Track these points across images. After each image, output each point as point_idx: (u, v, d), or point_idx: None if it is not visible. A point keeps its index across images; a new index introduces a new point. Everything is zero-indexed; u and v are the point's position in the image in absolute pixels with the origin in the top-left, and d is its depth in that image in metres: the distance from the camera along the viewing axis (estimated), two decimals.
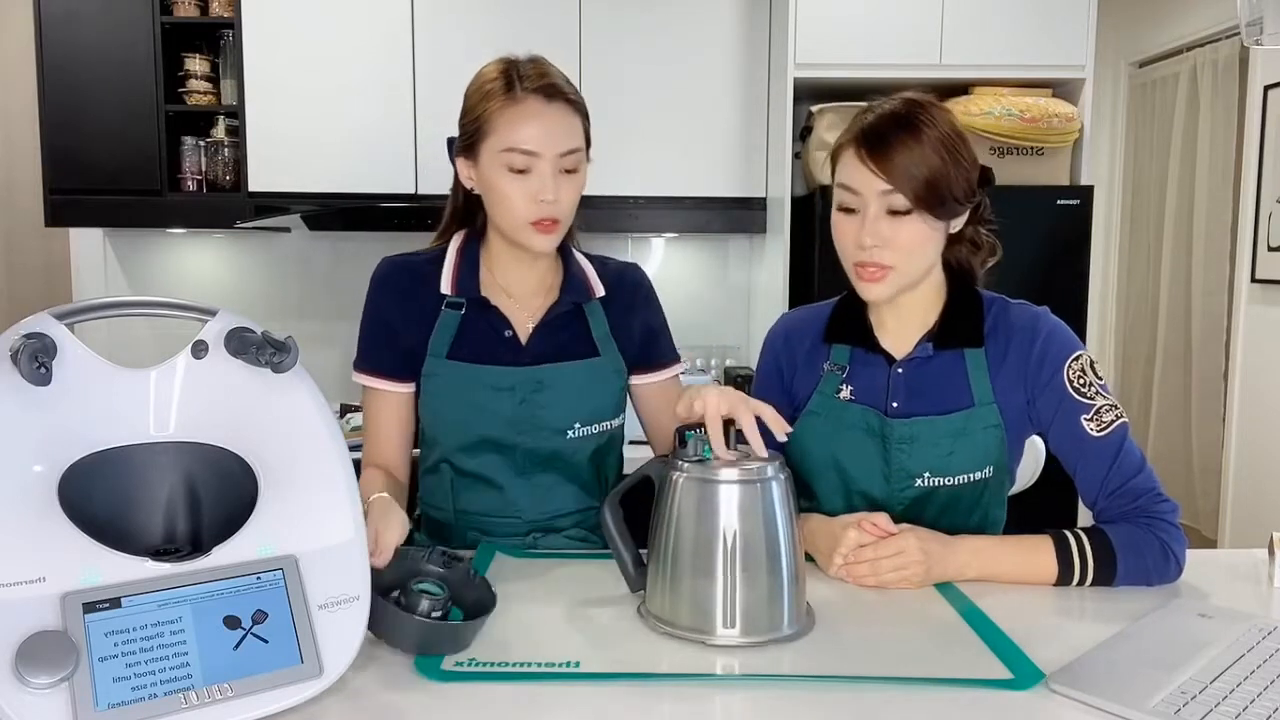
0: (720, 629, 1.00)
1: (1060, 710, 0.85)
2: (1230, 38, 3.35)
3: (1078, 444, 1.24)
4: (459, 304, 1.36)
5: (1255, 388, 3.21)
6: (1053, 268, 2.71)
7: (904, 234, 1.21)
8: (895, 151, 1.18)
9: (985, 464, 1.28)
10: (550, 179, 1.26)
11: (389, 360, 1.37)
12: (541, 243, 1.30)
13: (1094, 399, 1.24)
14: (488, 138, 1.28)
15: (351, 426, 2.72)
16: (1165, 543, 1.17)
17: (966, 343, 1.29)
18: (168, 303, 0.91)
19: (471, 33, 2.81)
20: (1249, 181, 3.18)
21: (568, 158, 1.28)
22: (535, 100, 1.27)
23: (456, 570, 1.04)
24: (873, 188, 1.20)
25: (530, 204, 1.27)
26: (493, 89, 1.29)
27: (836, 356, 1.35)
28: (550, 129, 1.26)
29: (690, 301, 3.33)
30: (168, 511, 0.90)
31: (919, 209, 1.20)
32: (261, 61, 2.76)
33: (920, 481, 1.28)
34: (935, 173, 1.19)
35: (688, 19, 2.89)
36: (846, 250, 1.26)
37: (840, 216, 1.26)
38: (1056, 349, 1.26)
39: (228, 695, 0.79)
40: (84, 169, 2.76)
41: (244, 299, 3.17)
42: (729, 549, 1.01)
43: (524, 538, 1.37)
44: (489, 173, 1.29)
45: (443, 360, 1.34)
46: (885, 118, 1.22)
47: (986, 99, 2.70)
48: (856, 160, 1.21)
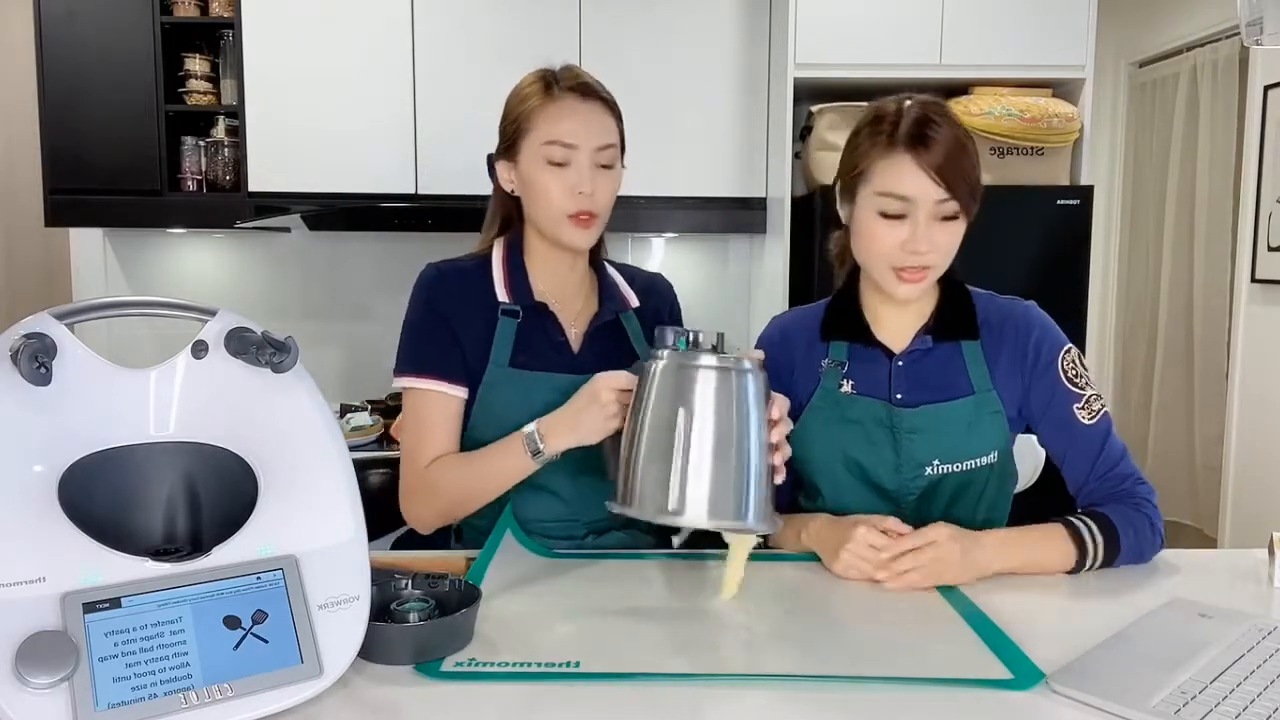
0: (678, 507, 1.02)
1: (1060, 710, 0.85)
2: (1230, 38, 3.35)
3: (1069, 431, 1.30)
4: (514, 311, 1.37)
5: (1255, 388, 3.21)
6: (1053, 268, 2.71)
7: (948, 237, 1.25)
8: (950, 158, 1.20)
9: (991, 449, 1.31)
10: (588, 172, 1.32)
11: (450, 363, 1.35)
12: (579, 237, 1.35)
13: (1084, 389, 1.31)
14: (528, 134, 1.34)
15: (352, 426, 2.72)
16: (1151, 520, 1.24)
17: (963, 335, 1.32)
18: (168, 303, 0.91)
19: (472, 33, 2.81)
20: (1249, 181, 3.18)
21: (604, 152, 1.34)
22: (572, 97, 1.34)
23: (439, 587, 1.02)
24: (930, 195, 1.21)
25: (569, 196, 1.32)
26: (531, 91, 1.35)
27: (835, 353, 1.36)
28: (587, 123, 1.33)
29: (690, 301, 3.30)
30: (168, 511, 0.90)
31: (965, 211, 1.24)
32: (261, 61, 2.76)
33: (930, 470, 1.30)
34: (977, 175, 1.24)
35: (688, 19, 2.89)
36: (888, 254, 1.25)
37: (880, 222, 1.24)
38: (1050, 341, 1.32)
39: (228, 695, 0.79)
40: (84, 169, 2.76)
41: (244, 299, 3.17)
42: (691, 429, 1.02)
43: (581, 540, 1.39)
44: (529, 168, 1.34)
45: (505, 369, 1.35)
46: (923, 123, 1.21)
47: (986, 99, 2.70)
48: (912, 166, 1.20)
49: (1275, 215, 3.04)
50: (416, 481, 1.34)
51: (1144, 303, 3.97)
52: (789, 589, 1.17)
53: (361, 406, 2.88)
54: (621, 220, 2.92)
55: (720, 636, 1.03)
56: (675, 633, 1.03)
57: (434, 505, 1.34)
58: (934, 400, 1.30)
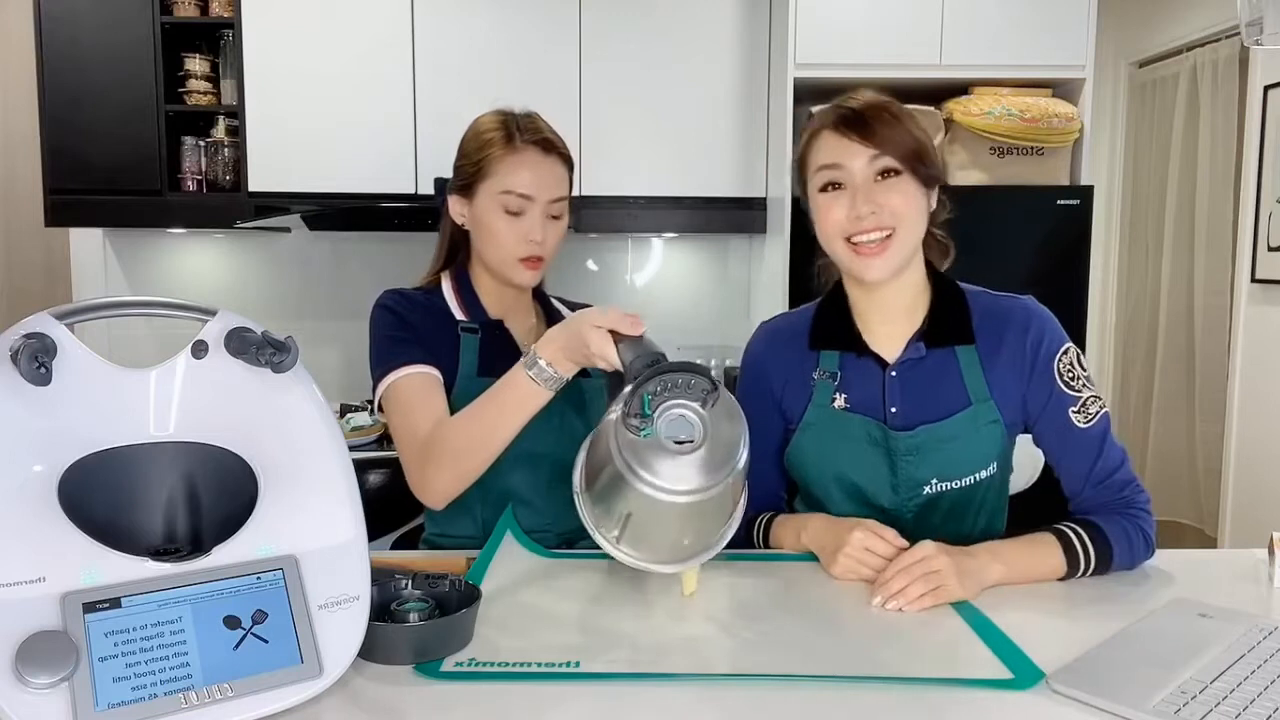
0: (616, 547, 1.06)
1: (1060, 710, 0.85)
2: (1230, 38, 3.35)
3: (1065, 436, 1.27)
4: (473, 328, 1.42)
5: (1256, 388, 3.21)
6: (1053, 268, 2.71)
7: (895, 196, 1.23)
8: (876, 123, 1.23)
9: (989, 462, 1.29)
10: (539, 222, 1.39)
11: (424, 354, 1.36)
12: (527, 277, 1.42)
13: (1080, 391, 1.27)
14: (486, 179, 1.40)
15: (352, 426, 2.72)
16: (1145, 531, 1.22)
17: (957, 340, 1.28)
18: (168, 303, 0.91)
19: (472, 33, 2.81)
20: (1249, 181, 3.18)
21: (556, 204, 1.42)
22: (534, 151, 1.40)
23: (439, 587, 1.02)
24: (860, 156, 1.23)
25: (520, 243, 1.39)
26: (494, 138, 1.40)
27: (826, 363, 1.32)
28: (545, 178, 1.40)
29: (690, 302, 3.33)
30: (168, 511, 0.90)
31: (906, 168, 1.23)
32: (261, 61, 2.76)
33: (929, 489, 1.28)
34: (916, 138, 1.24)
35: (687, 19, 2.88)
36: (838, 226, 1.25)
37: (825, 198, 1.26)
38: (1048, 341, 1.28)
39: (228, 695, 0.79)
40: (84, 169, 2.76)
41: (244, 299, 3.17)
42: (630, 524, 1.03)
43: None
44: (483, 211, 1.41)
45: (474, 379, 1.36)
46: (857, 104, 1.26)
47: (986, 99, 2.70)
48: (838, 136, 1.25)
49: (1275, 215, 3.04)
50: (422, 453, 1.29)
51: (1144, 302, 3.97)
52: (788, 589, 1.17)
53: (361, 406, 2.88)
54: (621, 220, 2.95)
55: (720, 636, 1.03)
56: (675, 632, 1.03)
57: (446, 465, 1.26)
58: (929, 418, 1.27)
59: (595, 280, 3.32)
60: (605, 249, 3.31)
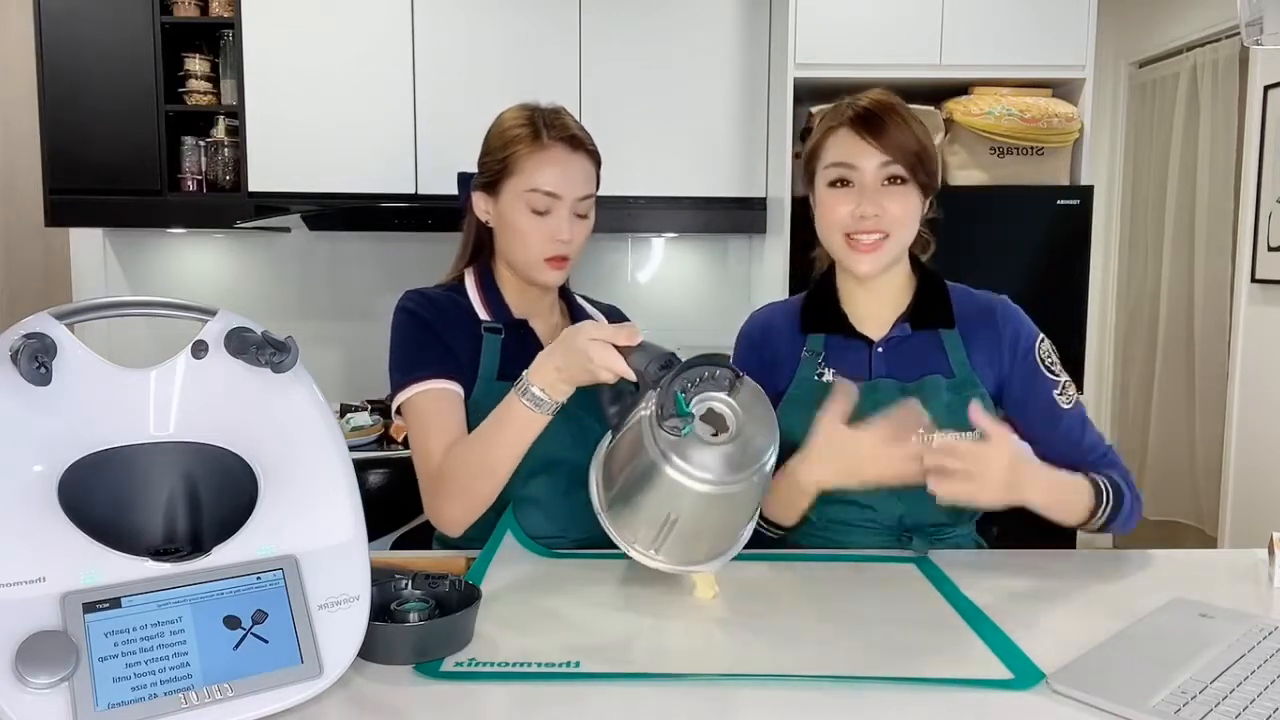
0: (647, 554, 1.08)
1: (1060, 710, 0.85)
2: (1230, 38, 3.35)
3: (1051, 415, 1.34)
4: (497, 328, 1.39)
5: (1256, 388, 3.21)
6: (1053, 268, 2.71)
7: (898, 203, 1.30)
8: (891, 128, 1.30)
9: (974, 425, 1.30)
10: (567, 221, 1.36)
11: (444, 364, 1.34)
12: (552, 277, 1.39)
13: (1059, 376, 1.36)
14: (512, 177, 1.36)
15: (352, 426, 2.71)
16: (1134, 487, 1.31)
17: (940, 323, 1.36)
18: (168, 303, 0.91)
19: (472, 33, 2.81)
20: (1249, 181, 3.18)
21: (583, 203, 1.38)
22: (561, 148, 1.35)
23: (439, 587, 1.02)
24: (873, 160, 1.30)
25: (547, 242, 1.36)
26: (520, 134, 1.36)
27: (813, 344, 1.39)
28: (572, 175, 1.36)
29: (690, 301, 3.33)
30: (168, 511, 0.90)
31: (911, 177, 1.31)
32: (261, 61, 2.76)
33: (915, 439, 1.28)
34: (923, 147, 1.31)
35: (688, 19, 2.89)
36: (840, 222, 1.32)
37: (832, 192, 1.33)
38: (1026, 332, 1.37)
39: (228, 695, 0.79)
40: (84, 169, 2.77)
41: (244, 299, 3.17)
42: (675, 525, 1.03)
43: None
44: (509, 209, 1.37)
45: (493, 382, 1.34)
46: (872, 104, 1.33)
47: (986, 99, 2.70)
48: (854, 136, 1.31)
49: (1275, 215, 3.04)
50: (433, 485, 1.29)
51: (1144, 303, 3.97)
52: (788, 589, 1.17)
53: (361, 406, 2.88)
54: (622, 220, 2.95)
55: (720, 637, 1.03)
56: (675, 633, 1.03)
57: (456, 498, 1.26)
58: (915, 378, 1.33)
59: (595, 280, 3.32)
60: (605, 249, 3.31)
